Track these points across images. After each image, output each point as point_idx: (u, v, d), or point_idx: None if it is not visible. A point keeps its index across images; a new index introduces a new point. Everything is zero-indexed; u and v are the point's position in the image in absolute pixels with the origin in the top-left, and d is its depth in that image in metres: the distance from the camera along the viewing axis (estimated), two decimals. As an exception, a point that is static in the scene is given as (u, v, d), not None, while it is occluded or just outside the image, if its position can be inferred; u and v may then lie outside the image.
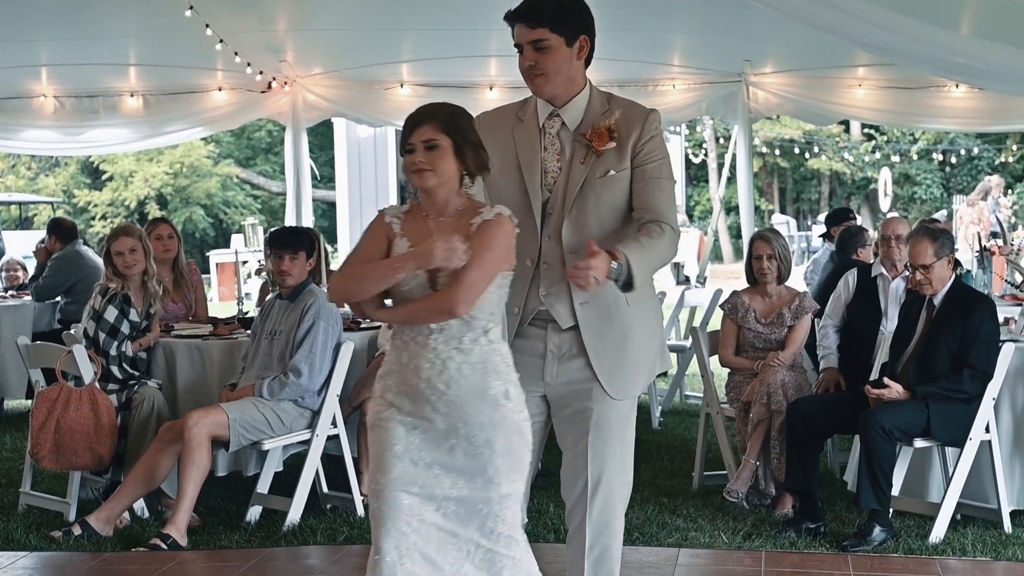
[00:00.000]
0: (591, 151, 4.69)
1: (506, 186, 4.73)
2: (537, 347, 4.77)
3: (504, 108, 4.99)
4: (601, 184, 4.70)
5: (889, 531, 7.10)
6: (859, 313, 8.58)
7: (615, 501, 4.88)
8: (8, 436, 10.74)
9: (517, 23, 4.70)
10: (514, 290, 4.63)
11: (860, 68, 12.77)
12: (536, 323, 4.76)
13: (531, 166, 4.72)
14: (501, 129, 4.79)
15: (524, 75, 4.73)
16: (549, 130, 4.76)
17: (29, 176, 37.89)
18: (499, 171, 4.68)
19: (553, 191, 4.72)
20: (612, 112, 4.73)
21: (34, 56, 12.46)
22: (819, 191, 46.01)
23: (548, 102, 4.76)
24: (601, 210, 4.72)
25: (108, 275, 8.16)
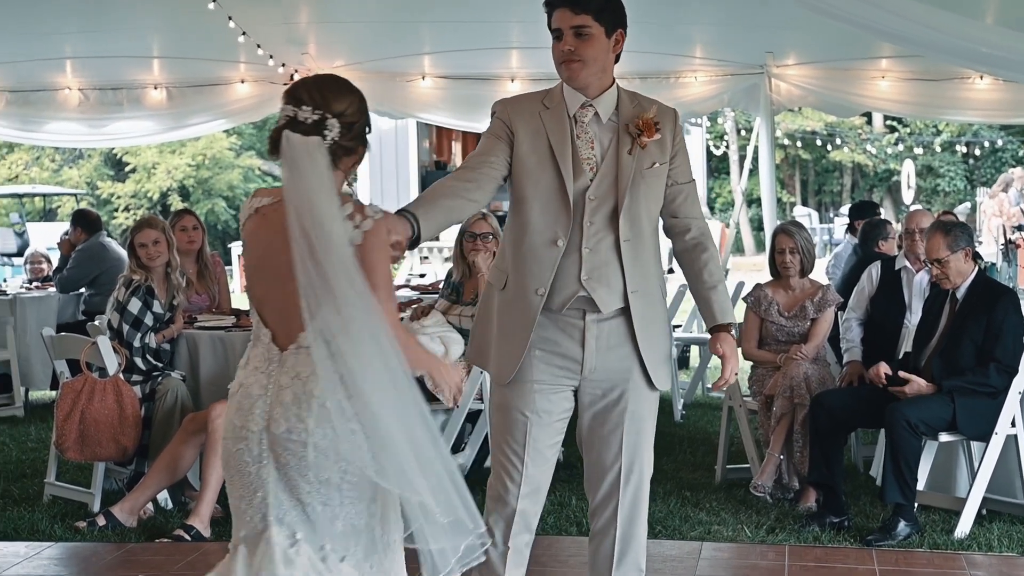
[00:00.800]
0: (636, 143, 4.72)
1: (538, 167, 4.73)
2: (575, 336, 4.77)
3: (528, 95, 5.00)
4: (650, 175, 4.76)
5: (914, 526, 7.08)
6: (883, 306, 8.55)
7: (645, 492, 4.92)
8: (33, 427, 10.78)
9: (560, 8, 4.70)
10: (539, 271, 4.69)
11: (883, 60, 12.72)
12: (572, 312, 4.75)
13: (564, 151, 4.72)
14: (529, 113, 4.80)
15: (560, 60, 4.72)
16: (581, 119, 4.76)
17: (53, 168, 37.97)
18: (529, 153, 4.72)
19: (595, 179, 4.72)
20: (643, 107, 4.78)
21: (59, 49, 12.51)
22: (841, 183, 45.88)
23: (579, 91, 4.76)
24: (649, 202, 4.79)
25: (132, 267, 8.18)
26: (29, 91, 13.37)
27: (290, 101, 3.93)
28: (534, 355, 4.77)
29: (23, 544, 7.19)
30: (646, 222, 4.77)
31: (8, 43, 11.97)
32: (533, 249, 4.74)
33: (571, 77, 4.73)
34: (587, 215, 4.70)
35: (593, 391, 4.82)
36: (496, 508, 4.87)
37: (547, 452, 4.85)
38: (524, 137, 4.71)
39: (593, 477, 4.92)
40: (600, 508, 4.92)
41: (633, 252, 4.74)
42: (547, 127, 4.75)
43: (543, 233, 4.70)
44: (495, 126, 4.80)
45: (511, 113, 4.78)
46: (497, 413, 4.92)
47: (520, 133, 4.72)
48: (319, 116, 3.90)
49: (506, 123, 4.77)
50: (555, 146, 4.72)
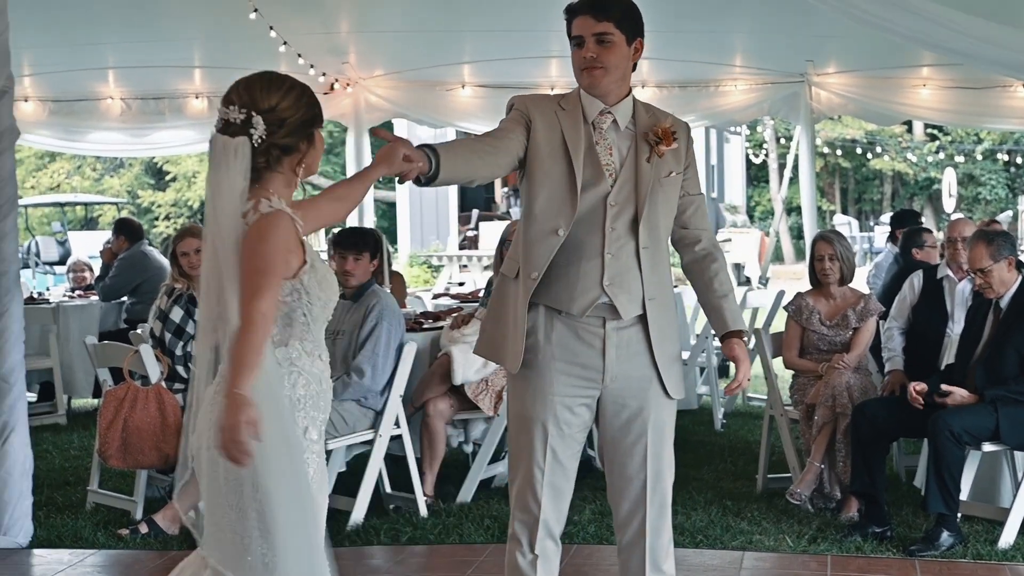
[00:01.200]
0: (654, 151, 4.73)
1: (549, 158, 4.72)
2: (595, 345, 4.76)
3: (543, 94, 5.02)
4: (667, 183, 4.77)
5: (957, 536, 7.04)
6: (925, 315, 8.51)
7: (668, 501, 4.93)
8: (76, 435, 10.85)
9: (582, 15, 4.70)
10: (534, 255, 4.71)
11: (924, 68, 12.67)
12: (592, 320, 4.74)
13: (577, 149, 4.71)
14: (546, 108, 4.79)
15: (581, 67, 4.71)
16: (600, 125, 4.75)
17: (94, 177, 38.23)
18: (544, 143, 4.72)
19: (616, 186, 4.72)
20: (658, 117, 4.81)
21: (101, 59, 12.60)
22: (881, 192, 45.73)
23: (598, 99, 4.75)
24: (666, 210, 4.79)
25: (174, 275, 8.23)
26: (72, 101, 13.49)
27: (223, 103, 3.90)
28: (555, 367, 4.75)
29: (67, 551, 7.23)
30: (663, 230, 4.80)
31: (51, 53, 12.05)
32: (535, 236, 4.73)
33: (592, 84, 4.72)
34: (608, 221, 4.70)
35: (615, 400, 4.80)
36: (520, 516, 4.86)
37: (568, 463, 4.83)
38: (540, 127, 4.71)
39: (617, 489, 4.89)
40: (627, 520, 4.89)
41: (651, 260, 4.74)
42: (562, 124, 4.74)
43: (546, 222, 4.69)
44: (513, 115, 4.78)
45: (528, 105, 4.78)
46: (516, 422, 4.88)
47: (537, 123, 4.72)
48: (244, 115, 3.84)
49: (523, 112, 4.77)
50: (569, 142, 4.71)
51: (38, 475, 8.13)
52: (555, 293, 4.71)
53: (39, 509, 7.82)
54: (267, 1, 10.35)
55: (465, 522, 7.34)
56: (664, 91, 13.30)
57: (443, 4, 11.15)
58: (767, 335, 8.49)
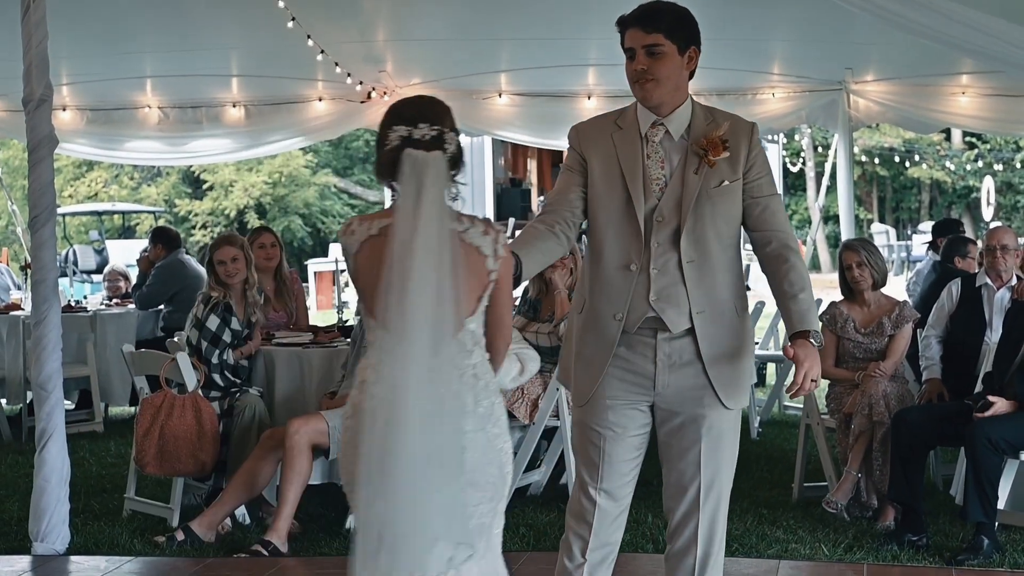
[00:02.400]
0: (704, 162, 4.70)
1: (608, 191, 4.75)
2: (647, 354, 4.76)
3: (601, 117, 5.01)
4: (718, 194, 4.72)
5: (996, 545, 7.00)
6: (963, 323, 8.47)
7: (724, 510, 4.89)
8: (113, 442, 10.89)
9: (632, 27, 4.71)
10: (614, 296, 4.71)
11: (964, 76, 12.59)
12: (643, 331, 4.75)
13: (634, 172, 4.72)
14: (600, 136, 4.82)
15: (633, 80, 4.73)
16: (652, 138, 4.75)
17: (132, 186, 38.41)
18: (601, 177, 4.75)
19: (663, 198, 4.71)
20: (719, 124, 4.75)
21: (139, 68, 12.65)
22: (919, 200, 45.51)
23: (651, 110, 4.76)
24: (717, 221, 4.74)
25: (211, 284, 8.25)
26: (110, 109, 13.54)
27: (398, 121, 4.00)
28: (608, 372, 4.78)
29: (103, 558, 7.25)
30: (714, 242, 4.74)
31: (89, 62, 12.11)
32: (608, 273, 4.76)
33: (645, 97, 4.73)
34: (654, 235, 4.70)
35: (668, 407, 4.79)
36: (574, 524, 4.87)
37: (623, 467, 4.83)
38: (596, 163, 4.75)
39: (671, 494, 4.89)
40: (680, 527, 4.88)
41: (698, 273, 4.71)
42: (618, 150, 4.76)
43: (617, 257, 4.71)
44: (570, 158, 4.85)
45: (582, 140, 4.81)
46: (576, 429, 4.94)
47: (592, 160, 4.75)
48: (437, 131, 3.99)
49: (578, 152, 4.81)
50: (625, 170, 4.73)
51: (75, 482, 8.16)
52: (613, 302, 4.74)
53: (76, 516, 7.85)
54: (305, 10, 10.38)
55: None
56: (701, 99, 12.94)
57: (480, 13, 11.15)
58: (803, 344, 8.45)
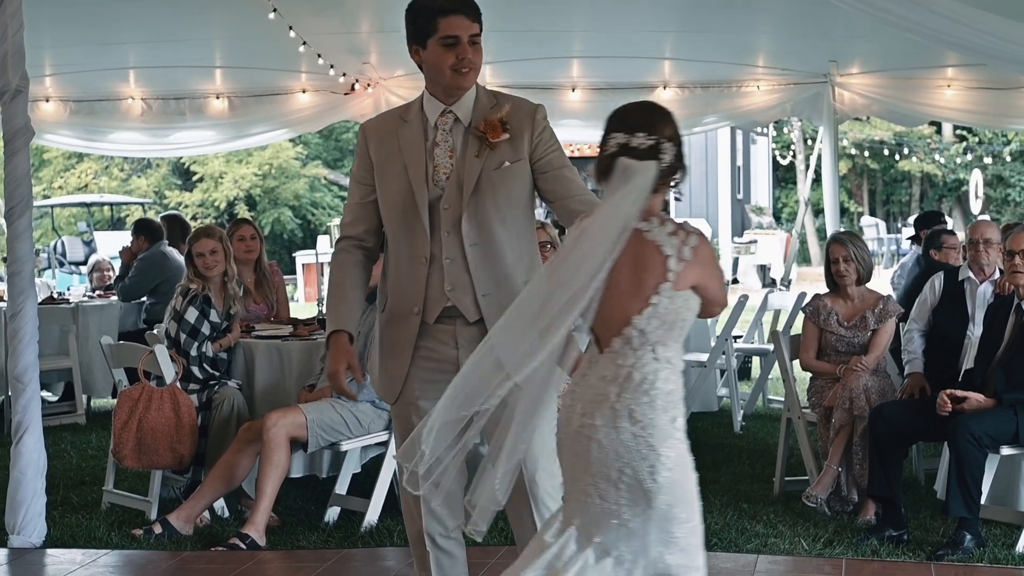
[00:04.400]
0: (485, 144, 4.68)
1: (394, 188, 4.76)
2: (448, 341, 4.77)
3: (387, 113, 5.03)
4: (498, 176, 4.70)
5: (978, 540, 6.98)
6: (946, 317, 8.43)
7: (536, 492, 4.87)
8: (94, 435, 10.87)
9: (456, 15, 4.68)
10: (410, 291, 4.72)
11: (949, 68, 12.58)
12: (443, 320, 4.75)
13: (416, 164, 4.73)
14: (387, 133, 4.83)
15: (456, 68, 4.69)
16: (442, 127, 4.75)
17: (122, 177, 38.31)
18: (387, 174, 4.78)
19: (447, 187, 4.70)
20: (501, 106, 4.74)
21: (122, 59, 12.60)
22: (910, 193, 45.51)
23: (440, 100, 4.75)
24: (500, 202, 4.72)
25: (189, 276, 8.24)
26: (93, 101, 13.48)
27: (620, 128, 4.07)
28: (415, 364, 4.81)
29: (80, 551, 7.23)
30: (498, 224, 4.71)
31: (72, 53, 12.06)
32: (403, 268, 4.77)
33: (462, 86, 4.74)
34: (443, 225, 4.71)
35: None
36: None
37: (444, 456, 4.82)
38: (382, 160, 4.78)
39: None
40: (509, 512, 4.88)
41: (481, 256, 4.70)
42: (402, 144, 4.77)
43: (409, 251, 4.73)
44: (357, 164, 4.91)
45: (369, 138, 4.86)
46: (396, 421, 5.03)
47: (378, 157, 4.79)
48: (654, 141, 4.02)
49: (364, 151, 4.85)
50: (408, 164, 4.74)
51: (54, 475, 8.18)
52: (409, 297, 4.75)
53: (54, 509, 7.85)
54: (286, 1, 10.33)
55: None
56: (686, 91, 13.25)
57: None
58: (786, 338, 8.44)
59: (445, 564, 4.93)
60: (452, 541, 4.93)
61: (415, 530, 4.93)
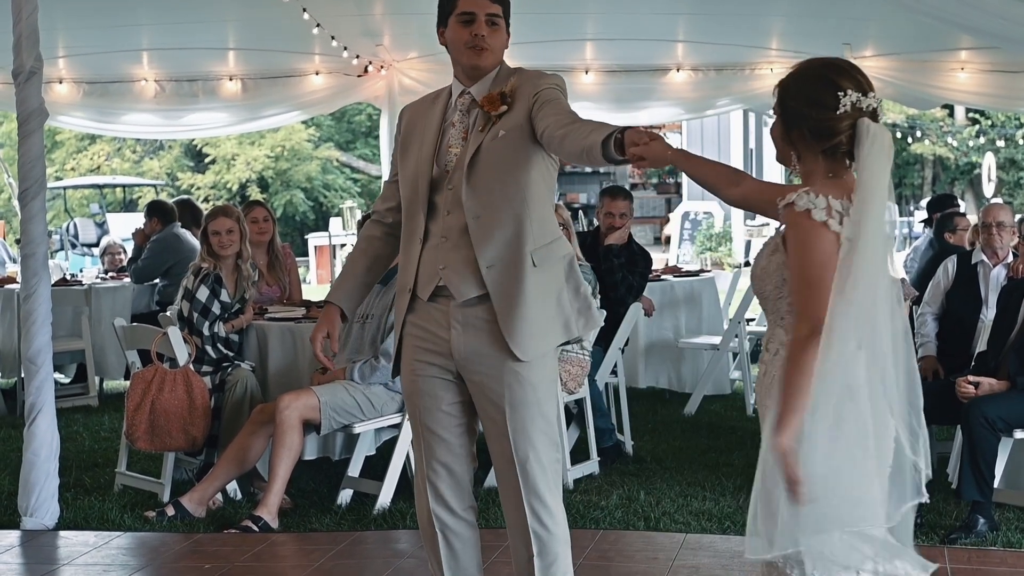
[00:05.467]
0: (488, 118, 4.66)
1: (410, 165, 4.80)
2: (441, 321, 4.75)
3: (425, 96, 5.01)
4: (497, 144, 4.63)
5: (991, 523, 6.96)
6: (959, 301, 8.43)
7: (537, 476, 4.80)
8: (107, 416, 10.89)
9: None
10: (407, 268, 4.77)
11: (962, 52, 12.53)
12: (437, 299, 4.74)
13: (427, 144, 4.74)
14: (417, 115, 4.89)
15: (469, 44, 4.67)
16: (460, 108, 4.75)
17: (134, 159, 38.34)
18: (407, 153, 4.84)
19: (454, 167, 4.70)
20: (509, 80, 4.68)
21: (136, 40, 12.60)
22: (922, 176, 45.39)
23: (464, 80, 4.75)
24: (501, 168, 4.63)
25: (202, 254, 8.23)
26: (106, 82, 13.48)
27: (851, 85, 3.71)
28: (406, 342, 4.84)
29: (92, 533, 7.24)
30: (499, 194, 4.64)
31: (86, 35, 12.07)
32: (404, 247, 4.83)
33: (479, 62, 4.70)
34: (443, 205, 4.70)
35: (470, 377, 4.76)
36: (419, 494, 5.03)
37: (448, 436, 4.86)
38: (405, 141, 4.84)
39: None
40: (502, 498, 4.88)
41: (484, 228, 4.63)
42: (424, 126, 4.80)
43: (411, 230, 4.78)
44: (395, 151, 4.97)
45: (404, 120, 4.92)
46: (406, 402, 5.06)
47: (403, 138, 4.87)
48: (878, 102, 3.74)
49: (398, 136, 4.94)
50: (422, 145, 4.77)
51: (67, 456, 8.19)
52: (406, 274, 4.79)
53: (67, 491, 7.86)
54: (300, -17, 10.35)
55: (492, 506, 7.30)
56: (699, 74, 13.22)
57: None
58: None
59: (456, 546, 4.93)
60: (463, 523, 4.92)
61: (425, 512, 4.93)
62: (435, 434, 4.83)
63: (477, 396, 4.78)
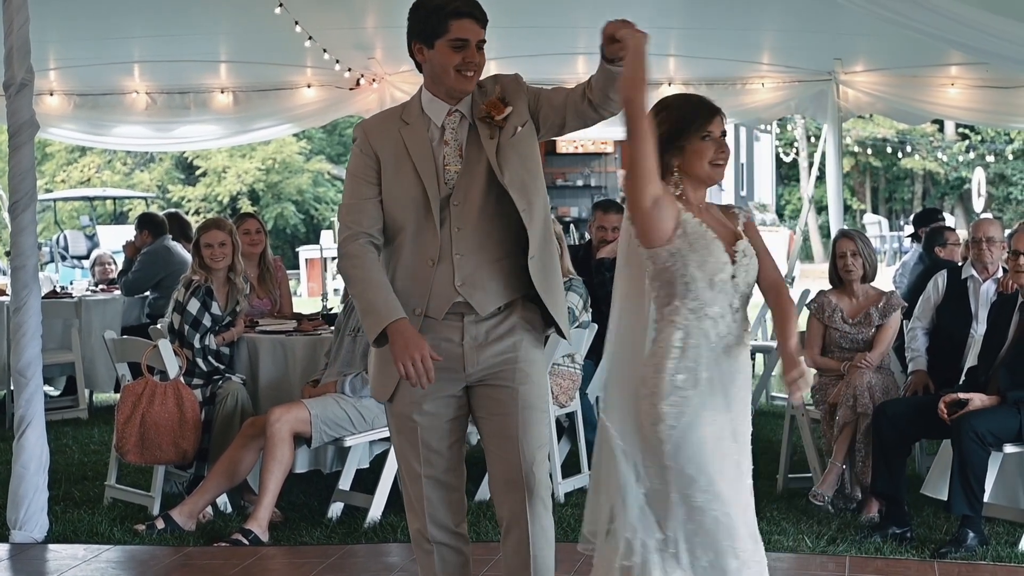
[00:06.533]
0: (494, 125, 4.68)
1: (402, 189, 4.70)
2: (453, 338, 4.73)
3: (384, 115, 4.93)
4: (515, 142, 4.70)
5: (981, 538, 6.97)
6: (949, 315, 8.44)
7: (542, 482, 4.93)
8: (96, 429, 10.87)
9: (466, 18, 4.67)
10: (413, 291, 4.67)
11: (953, 67, 12.59)
12: (451, 316, 4.73)
13: (426, 165, 4.70)
14: (388, 133, 4.76)
15: (462, 70, 4.66)
16: (450, 126, 4.73)
17: (124, 171, 38.34)
18: (393, 175, 4.71)
19: (457, 183, 4.69)
20: (489, 90, 4.74)
21: (127, 53, 12.61)
22: (912, 191, 45.53)
23: (445, 100, 4.73)
24: (523, 165, 4.70)
25: (193, 267, 8.24)
26: (98, 95, 13.49)
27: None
28: None
29: (82, 547, 7.22)
30: (531, 186, 4.71)
31: (77, 47, 12.07)
32: (408, 270, 4.72)
33: (468, 88, 4.71)
34: (454, 221, 4.68)
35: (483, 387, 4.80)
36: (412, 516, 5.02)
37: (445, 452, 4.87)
38: (387, 161, 4.71)
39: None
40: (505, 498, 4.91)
41: (529, 219, 4.67)
42: (408, 145, 4.72)
43: (418, 251, 4.68)
44: (358, 163, 4.77)
45: (372, 138, 4.75)
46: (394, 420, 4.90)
47: (383, 157, 4.72)
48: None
49: (369, 151, 4.75)
50: (417, 164, 4.70)
51: (57, 469, 8.17)
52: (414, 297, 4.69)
53: (56, 504, 7.84)
54: (292, -4, 10.35)
55: (482, 520, 7.30)
56: (691, 89, 13.22)
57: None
58: (790, 334, 8.41)
59: (451, 561, 4.93)
60: (457, 538, 4.93)
61: (416, 528, 4.93)
62: (435, 451, 4.82)
63: (487, 404, 4.81)
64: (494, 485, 4.92)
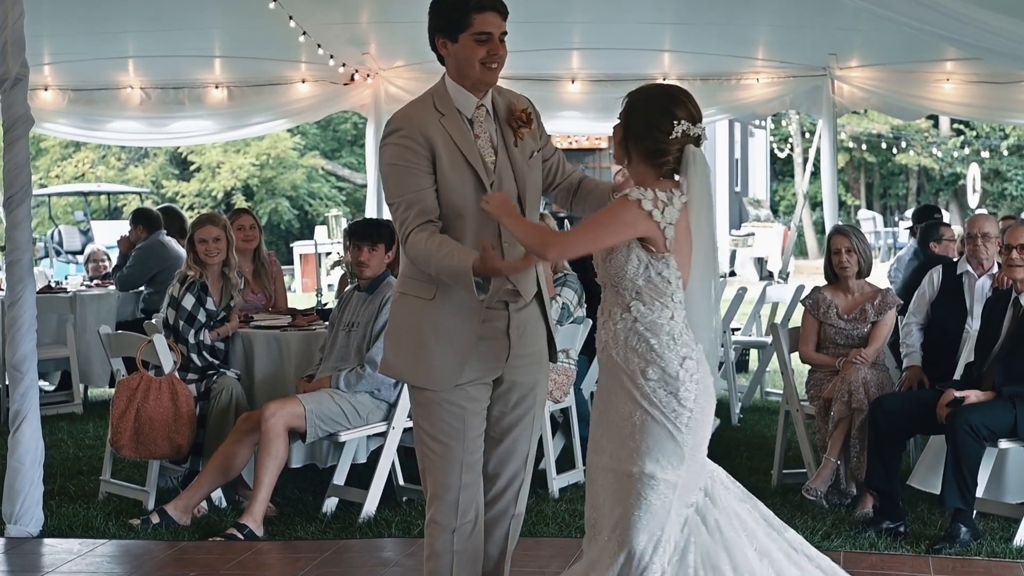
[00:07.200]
0: (517, 135, 4.79)
1: (458, 179, 4.74)
2: (501, 325, 4.83)
3: (418, 104, 4.90)
4: (532, 163, 4.87)
5: (974, 532, 6.98)
6: (944, 311, 8.45)
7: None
8: (91, 424, 10.87)
9: (490, 11, 4.72)
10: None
11: (948, 62, 12.60)
12: (497, 305, 4.81)
13: (474, 155, 4.76)
14: (432, 123, 4.76)
15: (488, 63, 4.71)
16: (479, 119, 4.79)
17: (119, 167, 38.27)
18: (449, 166, 4.73)
19: (499, 176, 4.78)
20: (512, 98, 4.87)
21: (121, 48, 12.60)
22: (907, 187, 45.53)
23: (471, 92, 4.78)
24: (528, 191, 4.85)
25: (188, 262, 8.24)
26: (92, 90, 13.49)
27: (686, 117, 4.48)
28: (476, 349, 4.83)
29: (77, 541, 7.23)
30: (535, 209, 4.92)
31: (71, 42, 12.05)
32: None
33: (492, 81, 4.78)
34: None
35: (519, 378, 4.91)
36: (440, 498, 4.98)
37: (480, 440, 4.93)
38: (442, 152, 4.73)
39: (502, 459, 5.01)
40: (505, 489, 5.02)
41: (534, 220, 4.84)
42: (452, 136, 4.76)
43: (477, 240, 4.69)
44: (411, 155, 4.73)
45: (423, 130, 4.73)
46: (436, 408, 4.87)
47: (438, 148, 4.73)
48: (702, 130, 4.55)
49: (423, 142, 4.73)
50: (467, 154, 4.75)
51: (52, 464, 8.17)
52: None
53: (51, 498, 7.84)
54: (286, -10, 10.35)
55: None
56: (685, 84, 13.21)
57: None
58: (784, 330, 8.43)
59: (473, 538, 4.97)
60: (478, 517, 4.97)
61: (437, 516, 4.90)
62: (476, 437, 4.89)
63: (513, 394, 4.92)
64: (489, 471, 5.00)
